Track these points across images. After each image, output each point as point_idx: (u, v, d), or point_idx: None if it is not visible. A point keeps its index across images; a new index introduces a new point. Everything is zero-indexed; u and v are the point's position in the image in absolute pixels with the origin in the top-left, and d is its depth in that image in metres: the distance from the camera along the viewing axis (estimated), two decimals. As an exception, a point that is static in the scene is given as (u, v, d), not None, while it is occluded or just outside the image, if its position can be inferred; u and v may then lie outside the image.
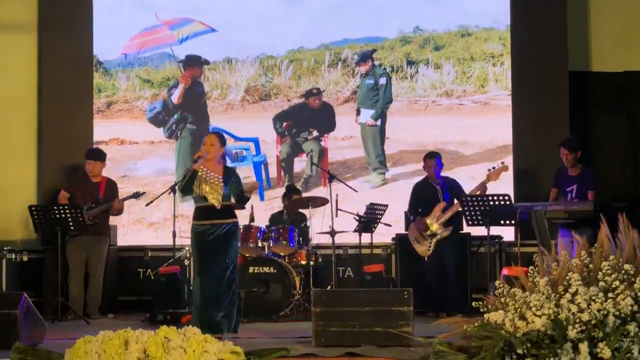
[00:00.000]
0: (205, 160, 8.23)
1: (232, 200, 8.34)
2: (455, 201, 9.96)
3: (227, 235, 8.20)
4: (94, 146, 10.90)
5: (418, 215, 10.10)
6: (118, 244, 11.16)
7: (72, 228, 9.81)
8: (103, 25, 11.89)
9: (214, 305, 8.07)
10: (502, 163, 9.92)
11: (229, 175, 8.32)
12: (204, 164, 8.22)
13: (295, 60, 11.94)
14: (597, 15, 11.47)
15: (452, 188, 10.08)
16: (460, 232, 10.13)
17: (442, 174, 10.24)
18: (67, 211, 9.75)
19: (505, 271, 8.55)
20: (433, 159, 10.11)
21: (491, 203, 9.46)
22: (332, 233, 10.09)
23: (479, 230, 9.97)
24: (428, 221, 9.97)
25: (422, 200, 10.13)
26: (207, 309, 8.07)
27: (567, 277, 5.67)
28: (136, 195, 10.34)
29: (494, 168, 9.86)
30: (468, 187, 10.14)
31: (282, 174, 11.79)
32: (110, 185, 10.45)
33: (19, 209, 11.03)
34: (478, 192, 9.77)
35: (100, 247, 10.27)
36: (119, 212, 10.42)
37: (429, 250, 9.97)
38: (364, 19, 11.83)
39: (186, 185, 8.25)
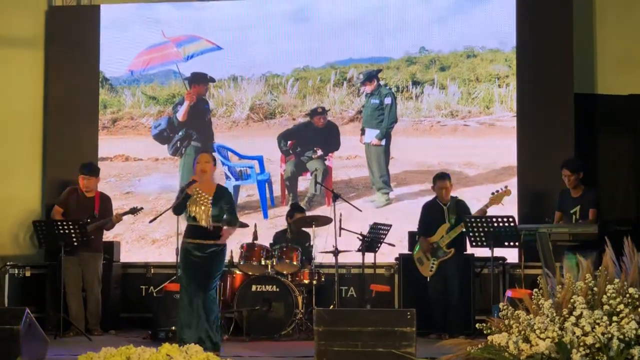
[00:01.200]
0: (199, 183, 8.31)
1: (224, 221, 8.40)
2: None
3: (211, 255, 8.32)
4: (90, 161, 10.81)
5: (422, 235, 10.08)
6: (121, 261, 11.15)
7: (75, 243, 9.80)
8: (109, 42, 11.93)
9: (194, 324, 8.19)
10: (506, 187, 9.88)
11: (221, 196, 8.40)
12: (198, 185, 8.28)
13: (301, 79, 11.95)
14: (602, 38, 11.49)
15: (459, 209, 10.04)
16: (464, 253, 10.10)
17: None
18: (71, 227, 9.75)
19: (509, 293, 8.52)
20: (443, 180, 10.08)
21: (495, 224, 9.44)
22: (336, 252, 10.08)
23: (482, 252, 9.95)
24: (432, 241, 9.96)
25: (429, 221, 10.12)
26: (187, 327, 8.19)
27: (572, 300, 5.65)
28: (134, 211, 10.31)
29: (497, 192, 9.83)
30: (472, 208, 10.12)
31: (286, 192, 11.79)
32: (105, 200, 10.42)
33: (23, 224, 11.04)
34: None
35: (95, 263, 10.21)
36: (112, 226, 10.40)
37: (431, 271, 9.96)
38: (369, 38, 11.85)
39: (177, 206, 8.46)
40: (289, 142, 11.89)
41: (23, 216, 11.21)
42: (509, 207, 10.29)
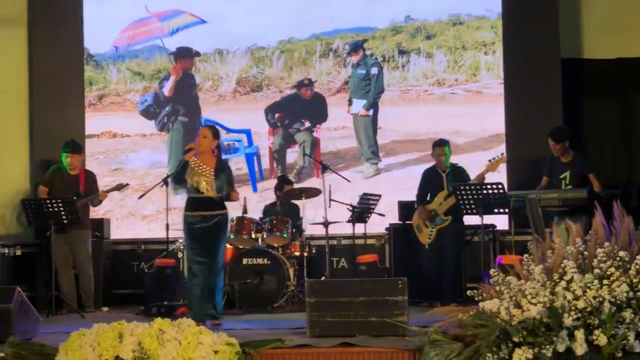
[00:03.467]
0: (197, 151, 8.33)
1: (224, 192, 8.41)
2: None
3: (215, 226, 8.39)
4: (72, 139, 10.70)
5: (420, 203, 10.07)
6: (111, 238, 11.14)
7: (65, 221, 9.77)
8: (93, 18, 11.84)
9: (206, 294, 8.30)
10: (502, 154, 9.86)
11: (221, 169, 8.48)
12: (198, 157, 8.32)
13: (287, 51, 11.91)
14: (588, 2, 11.45)
15: (457, 176, 10.03)
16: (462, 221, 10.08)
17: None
18: (60, 205, 9.71)
19: (499, 260, 8.54)
20: (442, 146, 10.05)
21: (484, 192, 9.44)
22: (326, 224, 10.08)
23: (472, 219, 9.96)
24: (430, 209, 9.96)
25: (428, 188, 10.11)
26: (200, 298, 8.29)
27: (562, 265, 5.67)
28: (120, 187, 10.27)
29: (493, 159, 9.81)
30: (466, 176, 10.15)
31: (275, 165, 11.77)
32: (90, 177, 10.35)
33: (12, 203, 11.00)
34: None
35: (84, 239, 10.17)
36: (99, 202, 10.37)
37: (429, 238, 9.96)
38: (354, 8, 11.80)
39: (178, 174, 8.53)
40: (276, 115, 11.86)
41: (11, 195, 11.15)
42: (498, 174, 10.30)
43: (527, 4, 11.28)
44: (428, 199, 10.07)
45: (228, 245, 10.01)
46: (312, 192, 10.30)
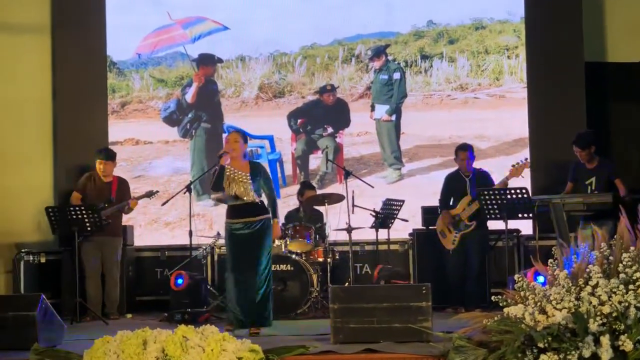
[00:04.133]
0: (229, 156, 8.29)
1: (263, 195, 8.41)
2: None
3: (260, 231, 8.34)
4: (106, 146, 10.86)
5: (444, 208, 10.03)
6: (135, 244, 11.17)
7: (88, 229, 9.81)
8: (116, 26, 11.87)
9: (250, 300, 8.23)
10: (526, 159, 9.81)
11: (257, 171, 8.43)
12: (231, 163, 8.29)
13: (309, 57, 11.91)
14: (611, 6, 11.40)
15: (480, 181, 9.99)
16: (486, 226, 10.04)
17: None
18: (84, 212, 9.76)
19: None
20: (465, 151, 10.01)
21: (509, 196, 9.40)
22: (349, 230, 10.06)
23: (496, 224, 9.92)
24: (454, 214, 9.92)
25: (451, 193, 10.08)
26: (244, 304, 8.23)
27: (588, 270, 5.63)
28: (150, 194, 10.32)
29: (517, 164, 9.75)
30: (489, 181, 10.11)
31: (298, 171, 11.77)
32: (123, 185, 10.45)
33: (36, 211, 11.03)
34: None
35: (114, 246, 10.26)
36: (130, 210, 10.43)
37: (453, 244, 9.93)
38: (376, 14, 11.79)
39: (216, 182, 8.38)
40: (299, 121, 11.86)
41: (35, 202, 11.19)
42: (522, 179, 10.24)
43: (550, 7, 11.23)
44: (451, 204, 10.04)
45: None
46: (335, 198, 10.28)
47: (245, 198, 8.27)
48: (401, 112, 11.65)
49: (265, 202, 8.48)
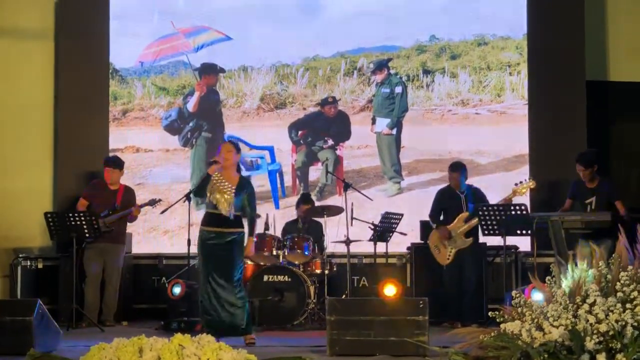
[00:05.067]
0: (221, 166, 8.30)
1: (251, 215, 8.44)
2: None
3: (230, 244, 8.31)
4: (112, 154, 10.87)
5: (438, 223, 10.03)
6: (133, 252, 11.16)
7: (87, 235, 9.82)
8: (119, 33, 11.90)
9: (220, 309, 8.22)
10: (530, 178, 9.82)
11: (243, 186, 8.41)
12: (221, 172, 8.29)
13: (311, 69, 11.93)
14: (614, 25, 11.43)
15: (476, 198, 10.00)
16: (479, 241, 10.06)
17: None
18: (83, 218, 9.77)
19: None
20: (458, 172, 10.02)
21: (507, 213, 9.41)
22: (347, 242, 10.06)
23: (494, 240, 9.92)
24: (450, 230, 9.92)
25: (444, 208, 10.08)
26: (214, 313, 8.24)
27: (585, 288, 5.63)
28: (152, 203, 10.34)
29: (520, 183, 9.75)
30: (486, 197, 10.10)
31: (297, 182, 11.77)
32: (128, 193, 10.47)
33: (35, 216, 11.04)
34: None
35: (117, 254, 10.27)
36: (135, 218, 10.45)
37: (448, 259, 9.93)
38: (379, 27, 11.81)
39: (199, 188, 8.45)
40: (299, 132, 11.87)
41: (35, 208, 11.18)
42: (521, 196, 10.25)
43: (553, 25, 11.27)
44: (441, 218, 10.04)
45: (249, 262, 10.02)
46: (334, 210, 10.29)
47: (223, 211, 8.25)
48: (402, 125, 11.66)
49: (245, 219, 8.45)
